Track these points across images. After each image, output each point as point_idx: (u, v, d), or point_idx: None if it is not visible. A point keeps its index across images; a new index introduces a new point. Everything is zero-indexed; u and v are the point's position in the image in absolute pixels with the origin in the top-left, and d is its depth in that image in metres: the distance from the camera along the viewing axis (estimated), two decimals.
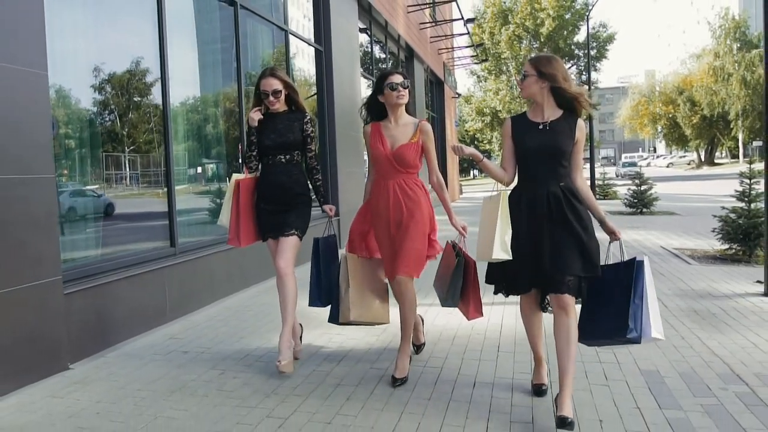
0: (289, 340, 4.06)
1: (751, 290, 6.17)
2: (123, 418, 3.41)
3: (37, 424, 3.35)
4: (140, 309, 5.14)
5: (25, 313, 3.94)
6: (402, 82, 3.93)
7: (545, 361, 3.65)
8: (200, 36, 7.20)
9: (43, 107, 4.16)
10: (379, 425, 3.22)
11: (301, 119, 4.27)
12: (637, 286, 3.06)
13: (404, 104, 3.98)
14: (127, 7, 5.74)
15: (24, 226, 3.95)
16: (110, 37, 5.53)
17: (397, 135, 3.95)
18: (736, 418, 3.18)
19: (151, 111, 5.95)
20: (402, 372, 3.86)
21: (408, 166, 3.91)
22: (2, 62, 3.82)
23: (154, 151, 5.97)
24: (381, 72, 4.15)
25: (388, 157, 3.90)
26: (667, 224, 12.59)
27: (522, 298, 3.45)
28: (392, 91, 3.91)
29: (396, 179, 3.91)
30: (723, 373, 3.84)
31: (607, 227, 3.32)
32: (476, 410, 3.40)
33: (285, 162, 4.24)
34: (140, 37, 5.82)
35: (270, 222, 4.25)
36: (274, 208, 4.23)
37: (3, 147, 3.81)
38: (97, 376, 4.13)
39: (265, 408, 3.49)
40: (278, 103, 4.23)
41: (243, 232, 4.28)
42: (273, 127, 4.22)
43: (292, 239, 4.19)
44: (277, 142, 4.19)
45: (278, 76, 4.22)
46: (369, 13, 13.45)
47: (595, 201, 3.35)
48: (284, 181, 4.22)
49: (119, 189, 5.69)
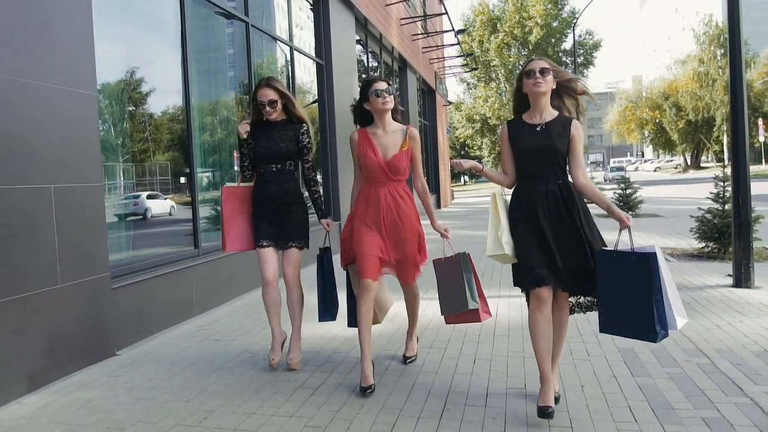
0: (298, 340, 4.39)
1: (722, 282, 6.80)
2: (176, 390, 3.99)
3: (102, 397, 3.91)
4: (172, 303, 5.71)
5: (81, 305, 4.51)
6: (387, 88, 3.97)
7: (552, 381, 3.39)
8: (217, 53, 7.82)
9: (92, 123, 4.73)
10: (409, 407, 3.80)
11: (297, 129, 4.30)
12: (654, 283, 3.09)
13: (390, 110, 4.02)
14: (155, 35, 6.34)
15: (79, 229, 4.52)
16: (140, 61, 6.10)
17: (388, 143, 4.00)
18: (695, 382, 3.78)
19: (176, 128, 6.53)
20: (412, 351, 4.40)
21: (401, 174, 4.01)
22: (63, 86, 4.40)
23: (181, 165, 6.56)
24: (365, 79, 4.12)
25: (382, 167, 3.96)
26: (651, 226, 13.24)
27: (533, 301, 3.34)
28: (377, 98, 3.95)
29: (388, 187, 3.99)
30: (688, 349, 4.45)
31: (615, 214, 3.31)
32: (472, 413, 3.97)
33: (276, 171, 4.27)
34: (165, 58, 6.42)
35: (267, 231, 4.29)
36: (270, 217, 4.27)
37: (64, 159, 4.38)
38: (143, 359, 4.70)
39: (297, 381, 4.08)
40: (275, 112, 4.25)
41: (229, 237, 4.34)
42: (268, 136, 4.25)
43: (293, 252, 4.30)
44: (270, 150, 4.22)
45: (273, 86, 4.24)
46: (365, 26, 14.08)
47: (599, 193, 3.44)
48: (275, 190, 4.25)
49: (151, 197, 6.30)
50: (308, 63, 10.72)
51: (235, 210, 4.35)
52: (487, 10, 47.28)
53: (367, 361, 3.86)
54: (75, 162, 4.49)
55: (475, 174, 3.88)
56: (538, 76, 3.37)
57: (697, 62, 52.44)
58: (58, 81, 4.36)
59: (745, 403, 3.43)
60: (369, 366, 3.85)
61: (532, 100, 3.46)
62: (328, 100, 10.91)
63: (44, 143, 4.20)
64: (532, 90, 3.40)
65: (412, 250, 4.04)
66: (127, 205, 5.86)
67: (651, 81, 63.70)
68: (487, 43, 46.43)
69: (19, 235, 3.97)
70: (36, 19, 4.20)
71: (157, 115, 6.37)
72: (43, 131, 4.20)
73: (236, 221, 4.35)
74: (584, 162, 3.54)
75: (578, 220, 3.33)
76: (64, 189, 4.37)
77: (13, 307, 3.91)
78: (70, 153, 4.45)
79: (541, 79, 3.36)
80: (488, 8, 47.50)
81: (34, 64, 4.16)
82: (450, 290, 3.94)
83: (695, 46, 54.50)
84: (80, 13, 4.63)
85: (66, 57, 4.46)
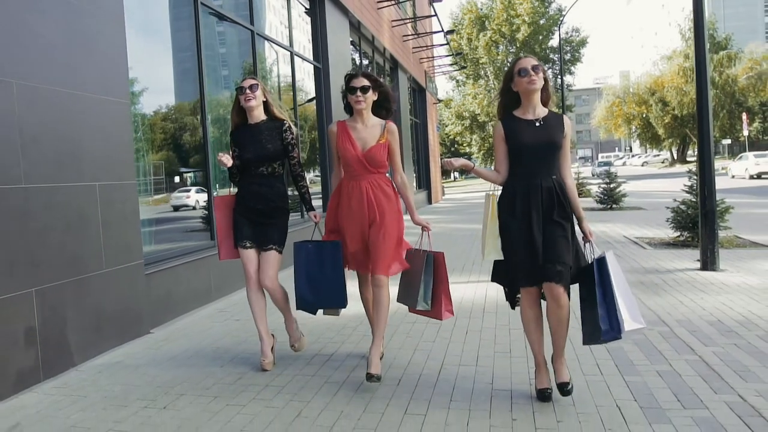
0: (292, 323, 4.50)
1: (691, 267, 7.48)
2: (210, 358, 4.63)
3: (148, 365, 4.54)
4: (194, 289, 6.33)
5: (121, 288, 5.13)
6: (362, 86, 3.97)
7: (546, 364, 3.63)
8: (230, 61, 8.45)
9: (126, 127, 5.34)
10: None
11: (280, 127, 4.31)
12: (604, 284, 3.28)
13: (363, 110, 4.02)
14: (174, 46, 6.96)
15: (119, 221, 5.13)
16: (162, 71, 6.72)
17: (366, 137, 4.02)
18: (655, 345, 4.44)
19: (194, 131, 7.15)
20: (377, 368, 3.82)
21: (379, 165, 4.02)
22: (101, 95, 5.01)
23: (200, 166, 7.20)
24: (347, 74, 4.16)
25: (360, 159, 3.99)
26: (633, 218, 13.95)
27: (523, 297, 3.53)
28: (352, 95, 4.00)
29: (368, 179, 4.02)
30: (653, 320, 5.11)
31: (584, 227, 3.48)
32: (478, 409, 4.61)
33: (267, 174, 4.29)
34: (183, 65, 7.04)
35: (247, 232, 4.30)
36: (255, 219, 4.28)
37: (105, 160, 4.99)
38: (176, 336, 5.33)
39: (313, 349, 4.72)
40: (254, 99, 4.23)
41: (223, 247, 4.42)
42: (252, 140, 4.25)
43: (272, 254, 4.28)
44: (258, 154, 4.22)
45: (254, 78, 4.33)
46: (358, 29, 14.70)
47: (578, 201, 3.52)
48: (266, 193, 4.26)
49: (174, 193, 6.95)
50: (307, 67, 11.34)
51: (227, 219, 4.39)
52: (476, 8, 48.00)
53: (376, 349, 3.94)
54: (113, 162, 5.10)
55: (465, 171, 3.97)
56: (532, 74, 3.40)
57: (682, 58, 53.19)
58: (97, 91, 4.96)
59: (694, 360, 4.10)
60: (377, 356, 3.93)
61: (525, 97, 3.48)
62: (326, 101, 11.53)
63: (90, 146, 4.82)
64: (527, 88, 3.43)
65: (390, 241, 3.99)
66: (180, 198, 6.63)
67: (638, 77, 64.57)
68: (476, 41, 47.12)
69: (73, 227, 4.59)
70: (80, 38, 4.80)
71: (175, 118, 6.99)
72: (88, 135, 4.81)
73: (229, 231, 4.39)
74: (570, 161, 3.58)
75: (569, 216, 3.43)
76: (107, 186, 4.98)
77: (70, 288, 4.53)
78: (109, 154, 5.06)
79: (535, 76, 3.40)
80: (476, 6, 48.22)
81: (79, 77, 4.76)
82: (410, 283, 4.04)
83: (681, 42, 55.35)
84: (115, 32, 5.25)
85: (103, 70, 5.06)
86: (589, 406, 3.40)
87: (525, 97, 3.49)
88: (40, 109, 4.34)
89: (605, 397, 3.53)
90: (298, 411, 3.52)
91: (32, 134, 4.25)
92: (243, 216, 4.30)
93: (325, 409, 3.55)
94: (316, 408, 3.57)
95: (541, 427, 3.19)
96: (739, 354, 4.16)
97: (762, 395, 3.43)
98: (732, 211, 9.38)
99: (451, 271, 4.47)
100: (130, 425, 3.44)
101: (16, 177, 4.09)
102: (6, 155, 4.04)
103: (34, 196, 4.24)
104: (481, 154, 50.22)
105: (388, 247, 3.97)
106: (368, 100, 4.01)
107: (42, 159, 4.33)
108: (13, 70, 4.11)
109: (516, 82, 3.48)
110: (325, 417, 3.43)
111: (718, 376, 3.76)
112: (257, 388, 3.94)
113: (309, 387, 3.92)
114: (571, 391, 3.46)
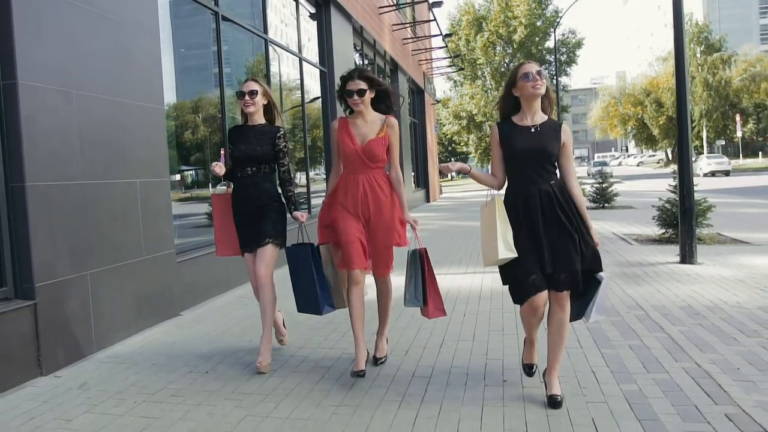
0: (268, 342, 4.37)
1: (671, 260, 8.12)
2: (238, 335, 5.26)
3: (184, 341, 5.15)
4: (216, 277, 6.95)
5: (157, 274, 5.74)
6: (358, 90, 4.00)
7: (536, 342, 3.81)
8: (247, 67, 9.10)
9: (161, 130, 5.96)
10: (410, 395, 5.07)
11: (274, 133, 4.38)
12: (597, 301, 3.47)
13: (360, 111, 4.07)
14: (197, 53, 7.57)
15: (154, 214, 5.75)
16: (189, 78, 7.33)
17: (366, 132, 4.06)
18: (630, 325, 5.07)
19: (216, 133, 7.77)
20: (381, 352, 4.33)
21: (377, 160, 4.05)
22: (140, 101, 5.62)
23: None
24: (342, 76, 4.17)
25: (359, 153, 4.02)
26: (624, 216, 14.62)
27: (527, 307, 3.46)
28: (349, 98, 4.05)
29: (366, 174, 4.05)
30: (630, 305, 5.74)
31: (591, 234, 3.45)
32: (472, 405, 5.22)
33: (251, 174, 4.35)
34: (204, 73, 7.66)
35: (246, 235, 4.42)
36: (247, 221, 4.38)
37: (143, 159, 5.60)
38: (204, 318, 5.95)
39: (331, 327, 5.34)
40: (253, 105, 4.34)
41: (219, 244, 4.62)
42: (245, 139, 4.36)
43: (267, 248, 4.32)
44: (246, 153, 4.30)
45: (257, 81, 4.40)
46: (360, 34, 15.32)
47: (586, 211, 3.48)
48: (251, 193, 4.35)
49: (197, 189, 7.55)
50: (314, 71, 11.95)
51: (223, 217, 4.53)
52: (473, 10, 48.56)
53: (361, 349, 4.03)
54: (150, 161, 5.72)
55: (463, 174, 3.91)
56: (537, 78, 3.38)
57: None
58: (137, 98, 5.57)
59: (662, 336, 4.73)
60: (363, 353, 4.03)
61: (527, 102, 3.47)
62: (331, 104, 12.14)
63: (132, 146, 5.43)
64: (531, 92, 3.41)
65: (388, 239, 4.10)
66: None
67: (633, 77, 65.19)
68: (473, 42, 47.68)
69: (117, 219, 5.21)
70: (123, 53, 5.41)
71: (201, 119, 7.61)
72: (131, 137, 5.42)
73: (226, 228, 4.53)
74: (575, 170, 3.58)
75: (573, 220, 3.39)
76: (145, 183, 5.59)
77: (116, 273, 5.15)
78: (147, 154, 5.67)
79: (540, 81, 3.39)
80: (474, 8, 48.78)
81: (122, 86, 5.37)
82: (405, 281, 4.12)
83: None
84: (152, 47, 5.86)
85: (142, 79, 5.67)
86: (569, 371, 4.01)
87: (526, 102, 3.48)
88: (92, 115, 4.95)
89: (582, 364, 4.16)
90: (321, 374, 4.16)
91: (88, 137, 4.86)
92: (238, 221, 4.44)
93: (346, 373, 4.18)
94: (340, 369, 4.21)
95: (527, 386, 3.81)
96: (702, 332, 4.79)
97: (715, 363, 4.06)
98: (714, 209, 10.01)
99: (449, 264, 5.06)
100: (180, 384, 4.07)
101: (75, 174, 4.71)
102: (68, 155, 4.66)
103: (89, 192, 4.85)
104: (478, 153, 50.86)
105: (389, 253, 4.20)
106: (366, 100, 4.06)
107: (95, 159, 4.94)
108: (72, 82, 4.73)
109: (519, 87, 3.46)
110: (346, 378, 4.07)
111: (680, 349, 4.39)
112: (284, 357, 4.59)
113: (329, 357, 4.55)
114: (561, 404, 3.44)
